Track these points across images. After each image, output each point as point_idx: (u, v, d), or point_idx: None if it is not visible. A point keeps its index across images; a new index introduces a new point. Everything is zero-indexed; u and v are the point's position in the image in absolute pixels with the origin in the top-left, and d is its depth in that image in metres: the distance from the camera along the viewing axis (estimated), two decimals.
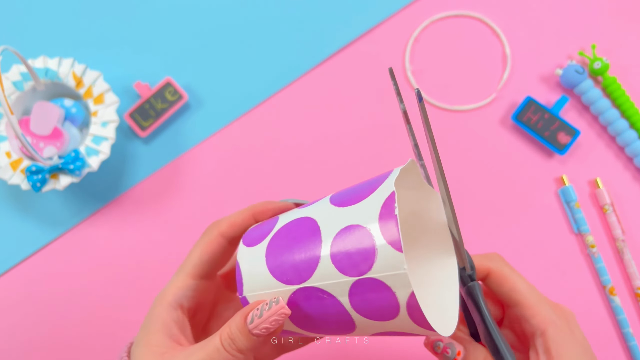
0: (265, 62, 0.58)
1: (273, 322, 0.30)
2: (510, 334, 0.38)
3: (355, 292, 0.29)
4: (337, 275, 0.29)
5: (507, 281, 0.36)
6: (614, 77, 0.56)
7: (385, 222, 0.28)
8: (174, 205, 0.56)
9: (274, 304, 0.30)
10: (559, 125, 0.55)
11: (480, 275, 0.37)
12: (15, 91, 0.53)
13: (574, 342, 0.34)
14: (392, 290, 0.28)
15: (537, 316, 0.35)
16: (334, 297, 0.30)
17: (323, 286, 0.30)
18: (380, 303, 0.28)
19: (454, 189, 0.55)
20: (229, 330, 0.31)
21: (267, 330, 0.30)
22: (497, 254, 0.37)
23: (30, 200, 0.57)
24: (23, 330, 0.55)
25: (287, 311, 0.30)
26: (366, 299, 0.29)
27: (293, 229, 0.32)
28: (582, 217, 0.54)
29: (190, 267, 0.36)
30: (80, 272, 0.56)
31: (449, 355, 0.35)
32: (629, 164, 0.56)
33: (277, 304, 0.30)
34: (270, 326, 0.30)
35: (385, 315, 0.29)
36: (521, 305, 0.35)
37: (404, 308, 0.28)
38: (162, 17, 0.59)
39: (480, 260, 0.37)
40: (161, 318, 0.34)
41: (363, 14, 0.59)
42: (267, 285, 0.32)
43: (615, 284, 0.54)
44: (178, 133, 0.58)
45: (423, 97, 0.30)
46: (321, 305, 0.30)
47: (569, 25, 0.58)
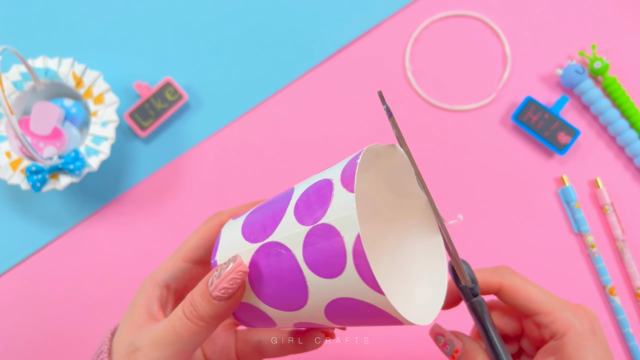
0: (265, 62, 0.58)
1: (231, 280, 0.29)
2: (530, 345, 0.37)
3: (309, 242, 0.28)
4: (296, 225, 0.29)
5: (520, 292, 0.35)
6: (614, 77, 0.56)
7: (345, 171, 0.28)
8: (174, 205, 0.56)
9: (232, 262, 0.29)
10: (559, 125, 0.55)
11: (492, 290, 0.36)
12: (15, 91, 0.53)
13: (595, 345, 0.33)
14: (340, 235, 0.27)
15: (556, 321, 0.34)
16: (290, 250, 0.29)
17: (281, 239, 0.29)
18: (329, 252, 0.27)
19: (454, 189, 0.56)
20: (191, 297, 0.30)
21: (226, 290, 0.29)
22: (505, 267, 0.37)
23: (30, 200, 0.57)
24: (23, 330, 0.55)
25: (245, 268, 0.29)
26: (317, 248, 0.28)
27: (273, 198, 0.32)
28: (582, 217, 0.54)
29: (185, 250, 0.36)
30: (80, 272, 0.56)
31: (447, 351, 0.35)
32: (629, 164, 0.56)
33: (235, 262, 0.29)
34: (229, 286, 0.29)
35: (334, 269, 0.27)
36: (539, 313, 0.34)
37: (350, 256, 0.27)
38: (162, 17, 0.59)
39: (489, 275, 0.36)
40: (146, 294, 0.34)
41: (363, 14, 0.59)
42: (236, 247, 0.31)
43: (616, 284, 0.54)
44: (178, 133, 0.58)
45: (392, 113, 0.30)
46: (277, 262, 0.29)
47: (569, 25, 0.58)
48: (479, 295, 0.35)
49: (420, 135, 0.57)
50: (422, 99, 0.57)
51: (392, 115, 0.30)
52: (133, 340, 0.32)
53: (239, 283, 0.29)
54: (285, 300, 0.30)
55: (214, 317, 0.30)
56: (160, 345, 0.30)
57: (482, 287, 0.36)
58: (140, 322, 0.33)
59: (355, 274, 0.27)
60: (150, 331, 0.31)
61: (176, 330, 0.30)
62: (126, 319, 0.34)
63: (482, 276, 0.36)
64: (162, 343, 0.30)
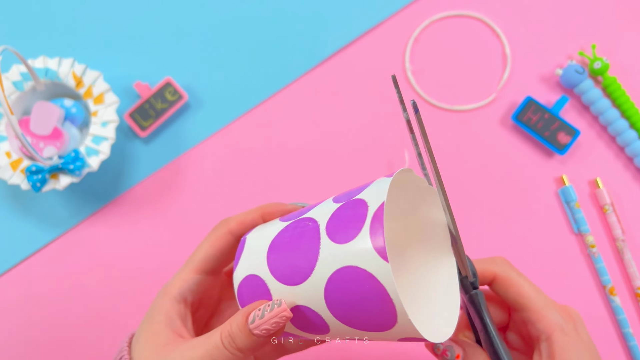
0: (265, 62, 0.58)
1: (274, 324, 0.30)
2: (516, 337, 0.38)
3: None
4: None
5: (513, 286, 0.35)
6: (614, 77, 0.56)
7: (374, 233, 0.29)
8: (174, 205, 0.56)
9: (276, 305, 0.30)
10: (559, 125, 0.55)
11: (486, 280, 0.36)
12: (15, 91, 0.53)
13: (579, 346, 0.34)
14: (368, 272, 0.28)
15: (542, 320, 0.34)
16: None
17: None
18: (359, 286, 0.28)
19: (454, 189, 0.56)
20: (230, 329, 0.31)
21: (268, 331, 0.30)
22: (502, 258, 0.37)
23: (30, 200, 0.57)
24: (23, 330, 0.55)
25: (289, 314, 0.30)
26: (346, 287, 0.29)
27: (296, 230, 0.32)
28: (582, 217, 0.54)
29: (197, 261, 0.36)
30: (80, 271, 0.56)
31: (448, 357, 0.35)
32: (629, 164, 0.56)
33: (279, 307, 0.30)
34: (271, 328, 0.30)
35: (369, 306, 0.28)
36: (527, 310, 0.35)
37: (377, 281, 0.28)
38: (162, 17, 0.59)
39: (485, 264, 0.36)
40: (164, 310, 0.34)
41: (363, 14, 0.59)
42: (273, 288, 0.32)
43: (615, 284, 0.54)
44: (178, 133, 0.58)
45: (419, 109, 0.30)
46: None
47: (569, 25, 0.58)
48: (478, 289, 0.35)
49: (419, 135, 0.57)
50: (422, 99, 0.57)
51: (418, 110, 0.30)
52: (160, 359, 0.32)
53: (282, 326, 0.30)
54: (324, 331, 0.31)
55: (252, 349, 0.31)
56: None
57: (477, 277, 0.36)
58: (165, 340, 0.33)
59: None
60: (183, 353, 0.32)
61: (213, 359, 0.31)
62: (146, 335, 0.33)
63: (477, 265, 0.36)
64: None
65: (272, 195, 0.55)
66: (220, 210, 0.56)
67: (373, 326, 0.29)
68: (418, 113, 0.30)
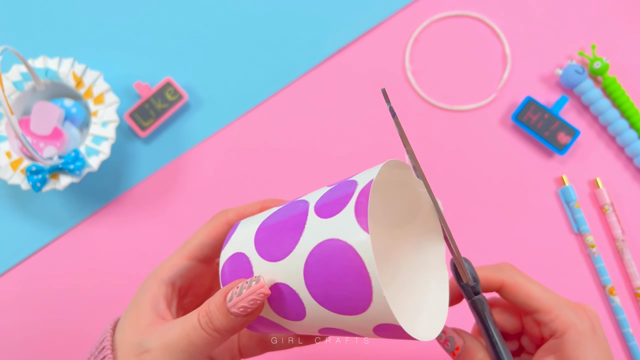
0: (265, 62, 0.58)
1: (252, 301, 0.29)
2: (530, 344, 0.37)
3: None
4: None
5: (521, 290, 0.35)
6: (613, 77, 0.56)
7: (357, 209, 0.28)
8: (174, 204, 0.57)
9: (254, 282, 0.29)
10: (559, 125, 0.55)
11: (493, 287, 0.36)
12: (15, 91, 0.53)
13: (594, 344, 0.33)
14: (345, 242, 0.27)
15: (556, 320, 0.34)
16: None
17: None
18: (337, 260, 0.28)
19: (454, 189, 0.56)
20: (208, 308, 0.30)
21: (245, 309, 0.29)
22: (507, 264, 0.36)
23: (30, 200, 0.57)
24: (23, 330, 0.55)
25: (267, 291, 0.29)
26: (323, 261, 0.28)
27: (287, 211, 0.32)
28: (582, 217, 0.54)
29: (190, 247, 0.36)
30: (80, 272, 0.56)
31: (448, 348, 0.35)
32: (629, 164, 0.56)
33: (257, 283, 0.29)
34: (249, 305, 0.29)
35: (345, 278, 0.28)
36: (539, 311, 0.34)
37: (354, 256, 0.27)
38: (162, 17, 0.59)
39: (491, 272, 0.36)
40: (151, 292, 0.34)
41: (363, 14, 0.59)
42: (253, 261, 0.31)
43: (615, 284, 0.54)
44: (178, 133, 0.58)
45: (396, 112, 0.30)
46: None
47: (568, 25, 0.58)
48: (480, 293, 0.35)
49: (420, 136, 0.57)
50: (422, 99, 0.57)
51: (396, 115, 0.30)
52: (141, 341, 0.32)
53: (259, 304, 0.30)
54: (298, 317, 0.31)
55: (230, 330, 0.30)
56: (173, 351, 0.31)
57: (483, 284, 0.36)
58: (147, 321, 0.33)
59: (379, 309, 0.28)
60: (161, 334, 0.31)
61: (190, 339, 0.30)
62: (130, 316, 0.34)
63: (483, 273, 0.36)
64: (175, 349, 0.31)
65: (272, 195, 0.55)
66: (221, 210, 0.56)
67: (348, 307, 0.28)
68: (395, 117, 0.30)
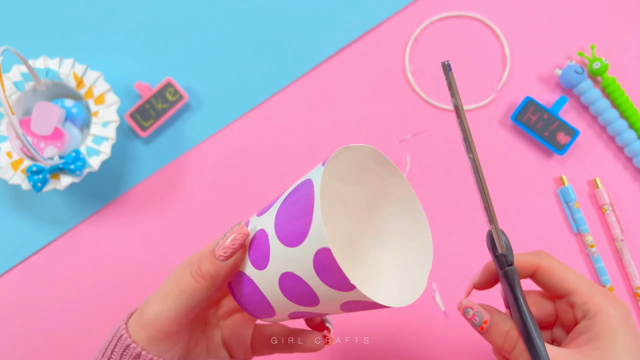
0: (265, 62, 0.59)
1: (233, 240, 0.33)
2: (562, 333, 0.37)
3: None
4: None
5: (557, 273, 0.35)
6: (613, 78, 0.56)
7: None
8: (175, 204, 0.57)
9: (236, 226, 0.34)
10: (558, 125, 0.55)
11: (529, 270, 0.36)
12: (16, 91, 0.53)
13: (626, 329, 0.33)
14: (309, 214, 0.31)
15: (589, 301, 0.34)
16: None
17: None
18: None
19: (453, 189, 0.56)
20: (197, 259, 0.34)
21: (227, 250, 0.33)
22: (544, 251, 0.37)
23: (31, 200, 0.57)
24: (24, 329, 0.55)
25: (246, 231, 0.33)
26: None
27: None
28: (581, 217, 0.55)
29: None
30: (81, 271, 0.56)
31: (476, 322, 0.35)
32: (628, 164, 0.56)
33: (238, 225, 0.33)
34: (230, 245, 0.33)
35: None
36: (573, 294, 0.35)
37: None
38: (163, 18, 0.60)
39: (527, 257, 0.37)
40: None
41: (363, 15, 0.59)
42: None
43: (615, 284, 0.54)
44: (178, 133, 0.58)
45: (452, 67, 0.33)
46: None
47: (568, 25, 0.58)
48: (513, 265, 0.35)
49: (420, 135, 0.57)
50: (421, 99, 0.58)
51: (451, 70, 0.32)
52: (143, 305, 0.35)
53: (240, 244, 0.33)
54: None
55: (215, 276, 0.34)
56: (165, 299, 0.34)
57: (519, 268, 0.36)
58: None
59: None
60: (157, 292, 0.35)
61: (180, 287, 0.34)
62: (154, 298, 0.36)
63: (520, 258, 0.37)
64: (167, 298, 0.34)
65: (272, 195, 0.55)
66: (221, 210, 0.56)
67: (294, 238, 0.31)
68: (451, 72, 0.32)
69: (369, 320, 0.54)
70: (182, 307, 0.34)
